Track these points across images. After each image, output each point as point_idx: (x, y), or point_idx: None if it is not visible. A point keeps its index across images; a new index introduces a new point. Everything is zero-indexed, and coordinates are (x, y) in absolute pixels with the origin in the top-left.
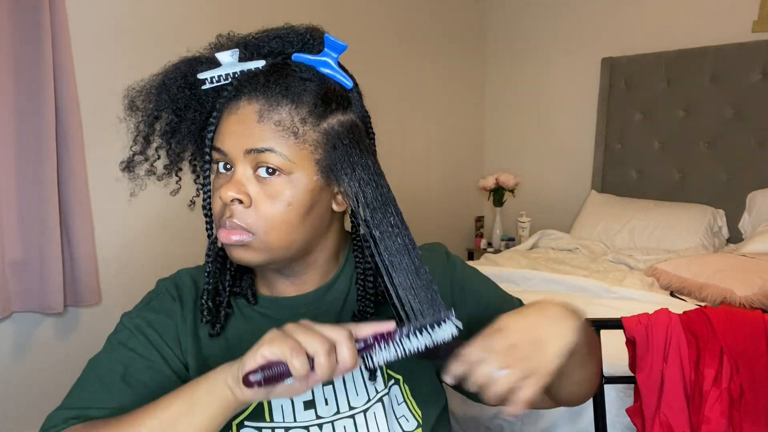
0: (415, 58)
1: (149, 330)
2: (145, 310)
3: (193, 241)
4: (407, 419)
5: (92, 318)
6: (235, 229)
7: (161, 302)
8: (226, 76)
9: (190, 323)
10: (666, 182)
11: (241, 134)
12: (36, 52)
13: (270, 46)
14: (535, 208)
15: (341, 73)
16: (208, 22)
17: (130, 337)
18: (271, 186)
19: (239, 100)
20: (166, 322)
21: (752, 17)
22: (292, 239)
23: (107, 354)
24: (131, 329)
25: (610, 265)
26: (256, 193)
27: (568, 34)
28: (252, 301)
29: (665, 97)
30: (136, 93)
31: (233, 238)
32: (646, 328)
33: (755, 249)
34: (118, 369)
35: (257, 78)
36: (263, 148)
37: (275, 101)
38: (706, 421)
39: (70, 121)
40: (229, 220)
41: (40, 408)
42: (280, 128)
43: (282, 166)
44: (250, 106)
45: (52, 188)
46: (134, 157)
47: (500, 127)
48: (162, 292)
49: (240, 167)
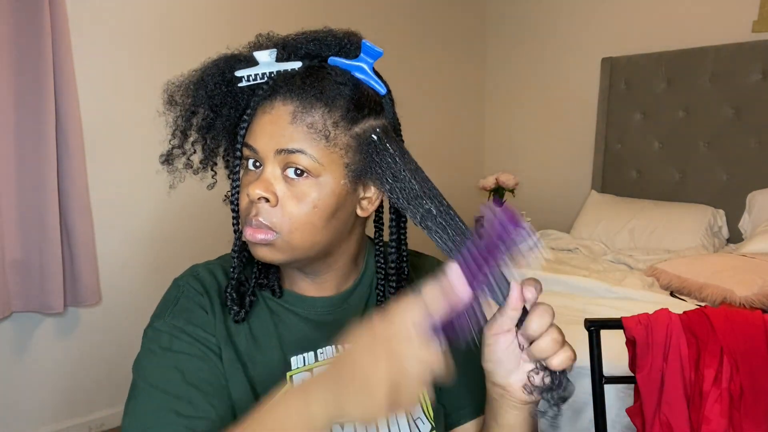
0: (415, 59)
1: (189, 327)
2: (178, 311)
3: (192, 241)
4: (422, 421)
5: (92, 318)
6: (261, 228)
7: (189, 299)
8: (262, 75)
9: (219, 313)
10: (666, 182)
11: (273, 134)
12: (36, 52)
13: (307, 48)
14: (535, 208)
15: (375, 79)
16: (208, 22)
17: (173, 339)
18: (298, 187)
19: (274, 99)
20: (201, 315)
21: (752, 17)
22: (315, 241)
23: (156, 363)
24: (170, 332)
25: (610, 265)
26: (283, 192)
27: (568, 34)
28: (278, 294)
29: (665, 97)
30: (175, 88)
31: (258, 236)
32: (646, 328)
33: (755, 249)
34: (175, 375)
35: (293, 79)
36: (294, 149)
37: (309, 103)
38: (706, 421)
39: (70, 121)
40: (254, 218)
41: (40, 408)
42: (312, 130)
43: (311, 168)
44: (284, 107)
45: (52, 188)
46: (173, 151)
47: (500, 127)
48: (186, 288)
49: (269, 166)
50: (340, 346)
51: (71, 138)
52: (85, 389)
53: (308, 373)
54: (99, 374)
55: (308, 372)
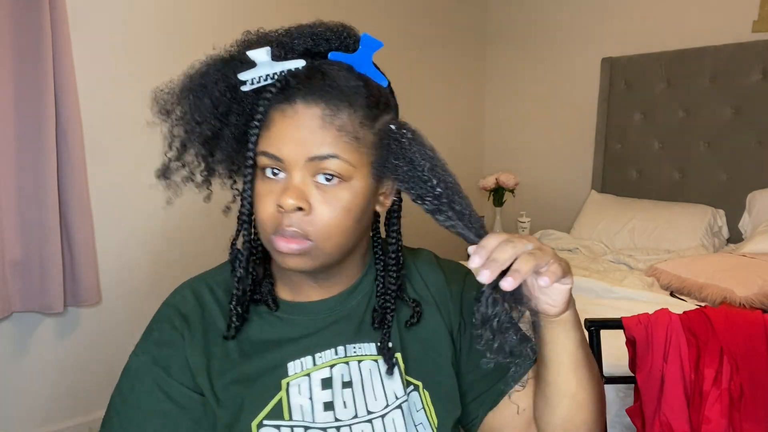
0: (415, 58)
1: (155, 369)
2: (149, 344)
3: (192, 241)
4: (424, 427)
5: (92, 318)
6: (296, 237)
7: (162, 333)
8: (266, 76)
9: (199, 342)
10: (666, 182)
11: (303, 141)
12: (36, 52)
13: (305, 44)
14: (535, 208)
15: (378, 72)
16: (208, 22)
17: (134, 383)
18: (330, 192)
19: (292, 102)
20: (168, 354)
21: (752, 17)
22: (347, 244)
23: (122, 405)
24: (135, 371)
25: (610, 265)
26: (315, 199)
27: (568, 34)
28: (273, 308)
29: (665, 97)
30: (167, 96)
31: (294, 246)
32: (646, 328)
33: (755, 249)
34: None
35: (311, 80)
36: (327, 155)
37: (335, 105)
38: (706, 421)
39: (70, 121)
40: (288, 228)
41: (40, 408)
42: (341, 133)
43: (343, 172)
44: (308, 110)
45: (52, 188)
46: (170, 164)
47: (500, 127)
48: (163, 320)
49: (298, 173)
50: (340, 347)
51: (71, 138)
52: (85, 389)
53: (306, 377)
54: (99, 374)
55: (306, 376)
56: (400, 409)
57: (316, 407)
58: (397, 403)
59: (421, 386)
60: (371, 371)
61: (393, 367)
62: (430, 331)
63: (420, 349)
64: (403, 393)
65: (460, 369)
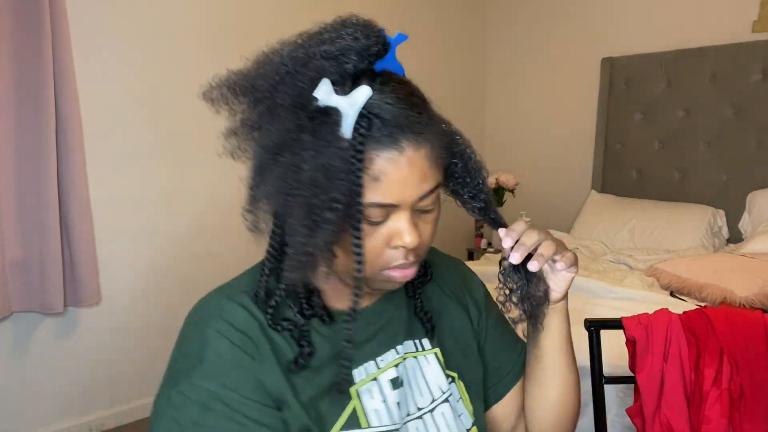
0: (415, 58)
1: (226, 392)
2: (209, 370)
3: (192, 241)
4: (466, 417)
5: (92, 318)
6: (414, 266)
7: (219, 356)
8: (359, 114)
9: (270, 357)
10: (666, 182)
11: (416, 183)
12: (36, 52)
13: (350, 59)
14: (535, 208)
15: (399, 64)
16: (208, 22)
17: (204, 412)
18: (430, 214)
19: (401, 150)
20: (237, 376)
21: (752, 17)
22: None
23: None
24: (202, 401)
25: (610, 265)
26: (420, 226)
27: (568, 34)
28: (327, 322)
29: (665, 97)
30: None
31: (410, 273)
32: (646, 328)
33: (755, 249)
34: None
35: (406, 117)
36: (432, 189)
37: (429, 139)
38: (706, 421)
39: (70, 121)
40: (409, 260)
41: (40, 408)
42: (439, 163)
43: (438, 195)
44: (418, 153)
45: (52, 188)
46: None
47: (500, 127)
48: (215, 339)
49: (407, 211)
50: (399, 346)
51: (71, 138)
52: (85, 389)
53: (373, 382)
54: (99, 374)
55: (373, 381)
56: (448, 402)
57: (392, 408)
58: (444, 397)
59: (456, 377)
60: (414, 368)
61: (432, 330)
62: (459, 325)
63: (452, 342)
64: (447, 386)
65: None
